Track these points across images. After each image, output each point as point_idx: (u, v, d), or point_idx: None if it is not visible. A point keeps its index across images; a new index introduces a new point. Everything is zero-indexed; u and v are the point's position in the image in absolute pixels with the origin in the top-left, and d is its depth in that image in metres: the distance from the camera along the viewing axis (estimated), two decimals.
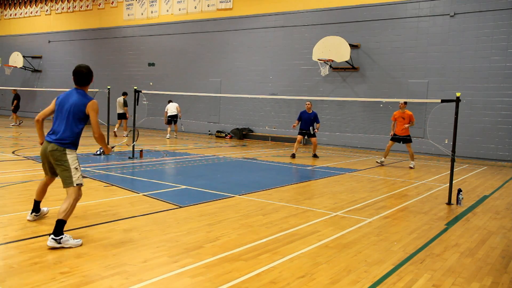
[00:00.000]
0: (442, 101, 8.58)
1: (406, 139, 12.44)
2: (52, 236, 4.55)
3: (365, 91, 17.31)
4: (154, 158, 12.07)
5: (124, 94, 18.53)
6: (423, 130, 16.10)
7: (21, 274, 3.83)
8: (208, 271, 4.10)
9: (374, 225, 6.08)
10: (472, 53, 15.39)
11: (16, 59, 28.01)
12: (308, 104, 14.03)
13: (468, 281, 4.24)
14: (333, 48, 16.93)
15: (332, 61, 17.00)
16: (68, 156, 4.93)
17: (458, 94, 7.92)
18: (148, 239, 4.97)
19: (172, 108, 18.83)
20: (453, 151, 7.98)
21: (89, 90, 5.37)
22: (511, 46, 14.78)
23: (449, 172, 8.13)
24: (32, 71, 29.24)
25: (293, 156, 13.70)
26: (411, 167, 12.49)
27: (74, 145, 5.05)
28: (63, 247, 4.52)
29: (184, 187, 8.15)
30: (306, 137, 14.26)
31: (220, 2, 21.25)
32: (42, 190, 5.47)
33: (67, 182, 4.92)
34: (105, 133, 15.00)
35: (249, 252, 4.69)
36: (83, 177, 5.52)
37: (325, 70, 17.24)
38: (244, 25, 20.56)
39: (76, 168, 4.95)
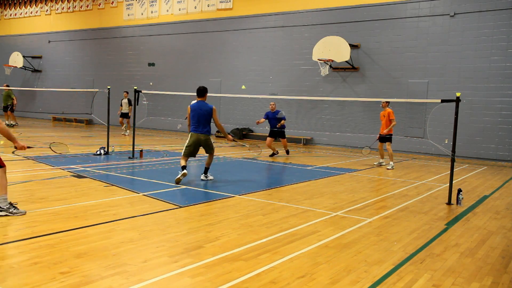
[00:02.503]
0: (442, 101, 8.57)
1: (386, 138, 12.22)
2: (204, 174, 8.91)
3: (365, 91, 17.31)
4: (154, 158, 12.07)
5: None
6: (423, 130, 16.10)
7: (21, 274, 3.83)
8: (208, 271, 4.10)
9: (374, 225, 6.08)
10: (472, 53, 15.39)
11: (16, 59, 27.98)
12: (272, 105, 13.75)
13: (468, 281, 4.24)
14: (333, 48, 16.92)
15: (332, 61, 17.00)
16: (211, 138, 8.86)
17: (458, 94, 7.91)
18: (148, 239, 4.97)
19: None
20: (453, 151, 7.98)
21: (89, 90, 5.86)
22: (511, 46, 14.78)
23: (449, 172, 8.13)
24: (32, 71, 29.24)
25: (272, 155, 13.67)
26: (388, 169, 11.97)
27: (210, 133, 8.77)
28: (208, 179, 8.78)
29: (184, 187, 8.15)
30: (275, 138, 13.78)
31: (220, 2, 21.25)
32: (185, 163, 8.56)
33: (211, 151, 8.84)
34: (105, 133, 14.99)
35: (249, 252, 4.69)
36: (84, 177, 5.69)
37: (325, 70, 17.24)
38: (244, 25, 20.56)
39: (213, 143, 8.98)
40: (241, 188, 8.26)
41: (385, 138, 12.25)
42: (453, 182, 8.13)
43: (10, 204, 5.64)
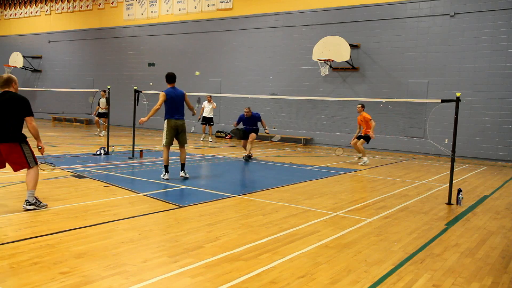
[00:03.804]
0: (442, 101, 8.58)
1: (362, 136, 12.80)
2: (182, 171, 8.85)
3: (365, 91, 17.30)
4: (154, 158, 12.07)
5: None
6: (423, 130, 16.10)
7: (21, 274, 3.83)
8: (208, 271, 4.10)
9: (374, 225, 6.08)
10: (472, 53, 15.39)
11: (16, 59, 27.98)
12: (247, 112, 12.96)
13: (468, 281, 4.24)
14: (333, 48, 16.92)
15: (332, 61, 17.00)
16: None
17: (458, 94, 7.91)
18: (148, 239, 4.97)
19: (208, 109, 18.34)
20: (453, 151, 7.98)
21: (89, 90, 5.98)
22: (511, 46, 14.78)
23: (449, 172, 8.13)
24: (32, 71, 29.24)
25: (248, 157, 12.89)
26: (359, 164, 12.48)
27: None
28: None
29: (184, 187, 8.15)
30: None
31: (220, 2, 21.24)
32: (168, 156, 8.78)
33: (186, 141, 8.89)
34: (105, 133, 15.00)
35: (249, 252, 4.69)
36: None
37: (325, 70, 17.24)
38: (244, 25, 20.56)
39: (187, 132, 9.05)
40: (241, 188, 8.26)
41: (360, 136, 12.86)
42: (453, 182, 8.13)
43: (37, 198, 6.04)
